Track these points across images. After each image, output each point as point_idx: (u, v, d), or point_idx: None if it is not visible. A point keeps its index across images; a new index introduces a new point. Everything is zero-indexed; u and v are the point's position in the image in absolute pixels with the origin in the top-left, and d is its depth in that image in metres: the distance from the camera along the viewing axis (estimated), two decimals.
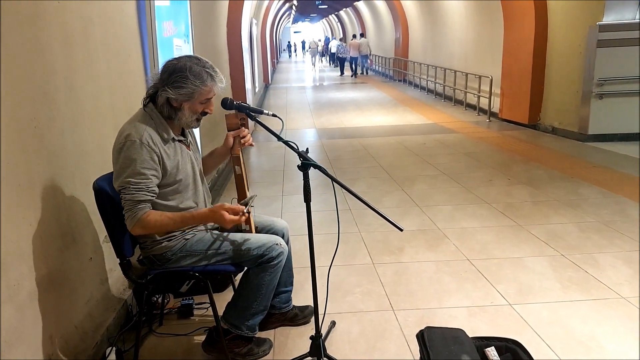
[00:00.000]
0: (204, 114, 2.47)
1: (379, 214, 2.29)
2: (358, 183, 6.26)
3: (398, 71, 21.12)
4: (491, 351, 2.53)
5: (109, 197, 2.37)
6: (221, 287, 3.39)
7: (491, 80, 11.10)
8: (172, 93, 2.33)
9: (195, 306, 3.23)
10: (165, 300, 3.23)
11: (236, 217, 2.36)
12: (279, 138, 2.42)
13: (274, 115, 2.53)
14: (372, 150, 8.19)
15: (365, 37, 27.07)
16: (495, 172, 6.59)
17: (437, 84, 15.40)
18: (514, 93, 10.32)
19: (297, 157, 2.38)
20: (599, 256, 3.93)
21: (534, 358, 2.49)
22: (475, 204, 5.29)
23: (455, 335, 2.49)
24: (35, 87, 2.30)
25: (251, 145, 2.68)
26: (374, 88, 18.94)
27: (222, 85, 2.44)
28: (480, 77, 11.73)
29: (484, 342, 2.58)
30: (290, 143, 2.43)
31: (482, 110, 11.72)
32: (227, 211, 2.36)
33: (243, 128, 2.61)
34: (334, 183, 2.34)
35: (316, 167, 2.33)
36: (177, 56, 2.46)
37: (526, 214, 4.93)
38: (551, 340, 2.84)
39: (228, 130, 2.62)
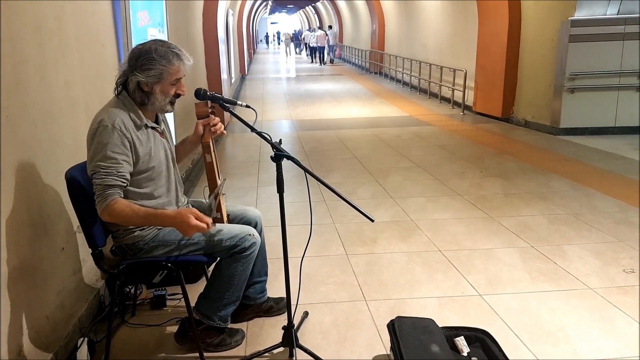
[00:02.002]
0: (177, 96, 2.46)
1: (351, 205, 2.33)
2: (333, 174, 6.29)
3: (374, 64, 21.20)
4: (460, 341, 2.60)
5: (81, 187, 2.35)
6: (194, 278, 3.39)
7: (465, 73, 11.22)
8: (142, 76, 2.33)
9: (168, 297, 3.23)
10: (138, 291, 3.22)
11: (201, 225, 2.28)
12: (252, 129, 2.43)
13: (247, 107, 2.54)
14: (347, 142, 8.23)
15: (334, 29, 29.41)
16: (468, 164, 6.68)
17: (412, 77, 15.50)
18: (487, 86, 10.45)
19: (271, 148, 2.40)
20: (567, 248, 4.02)
21: (501, 347, 2.56)
22: (447, 195, 5.36)
23: (425, 325, 2.54)
24: (6, 76, 2.27)
25: (222, 133, 2.68)
26: (351, 80, 18.98)
27: (189, 64, 2.44)
28: (454, 70, 11.85)
29: (453, 331, 2.64)
30: (264, 134, 2.44)
31: (456, 104, 11.85)
32: (194, 216, 2.29)
33: (212, 116, 2.60)
34: (306, 174, 2.35)
35: (289, 158, 2.35)
36: (143, 41, 2.45)
37: (497, 206, 5.02)
38: (519, 330, 2.91)
39: (198, 119, 2.62)
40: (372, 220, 2.28)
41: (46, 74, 2.67)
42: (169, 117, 4.96)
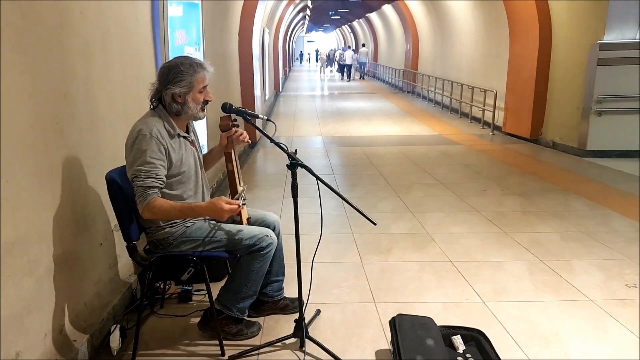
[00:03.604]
0: (206, 102, 2.80)
1: (354, 207, 2.58)
2: (356, 189, 6.55)
3: (407, 83, 21.44)
4: (457, 339, 2.82)
5: (119, 187, 2.68)
6: (218, 277, 3.67)
7: (495, 94, 11.36)
8: (175, 89, 2.68)
9: (194, 292, 3.54)
10: (167, 287, 3.54)
11: (234, 207, 2.64)
12: (271, 139, 2.72)
13: (268, 120, 2.85)
14: (374, 159, 8.47)
15: (365, 48, 32.50)
16: (490, 183, 6.85)
17: (444, 97, 15.68)
18: (517, 107, 10.57)
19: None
20: (575, 263, 4.18)
21: (494, 346, 2.77)
22: (466, 211, 5.56)
23: (423, 322, 2.77)
24: (57, 89, 2.61)
25: (247, 142, 2.98)
26: (383, 98, 19.24)
27: (211, 71, 2.79)
28: (485, 90, 12.00)
29: (450, 330, 2.86)
30: (281, 145, 2.73)
31: (486, 124, 11.96)
32: (224, 202, 2.64)
33: (234, 129, 2.91)
34: (318, 181, 2.63)
35: (302, 166, 2.64)
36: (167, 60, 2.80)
37: (513, 222, 5.19)
38: (516, 333, 3.10)
39: (221, 131, 2.94)
40: (375, 224, 2.54)
41: (91, 87, 3.01)
42: (203, 129, 5.31)
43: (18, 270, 2.23)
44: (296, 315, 2.91)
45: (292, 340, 2.94)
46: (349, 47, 36.84)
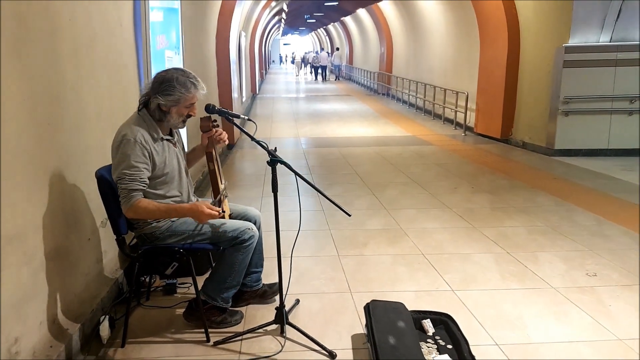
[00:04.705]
0: (189, 116, 2.97)
1: (329, 200, 2.79)
2: (333, 187, 6.76)
3: (382, 85, 21.75)
4: (427, 323, 3.03)
5: (109, 184, 2.85)
6: (203, 270, 3.84)
7: (467, 96, 11.67)
8: (162, 100, 2.83)
9: (178, 285, 3.70)
10: (152, 280, 3.69)
11: (214, 213, 2.84)
12: (252, 138, 2.90)
13: (249, 120, 3.04)
14: (350, 159, 8.69)
15: (340, 51, 34.61)
16: (461, 181, 7.10)
17: (417, 99, 15.99)
18: (488, 109, 10.88)
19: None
20: (540, 254, 4.43)
21: (461, 329, 2.99)
22: (438, 208, 5.80)
23: (394, 307, 2.98)
24: (49, 93, 2.76)
25: (225, 142, 3.15)
26: (358, 101, 19.51)
27: (203, 92, 2.95)
28: (457, 92, 12.31)
29: (421, 315, 3.08)
30: (262, 143, 2.92)
31: (458, 125, 12.26)
32: (206, 207, 2.84)
33: (215, 129, 3.08)
34: (297, 176, 2.83)
35: (282, 163, 2.82)
36: (166, 68, 2.96)
37: (482, 218, 5.44)
38: (483, 318, 3.33)
39: (202, 132, 3.11)
40: (349, 215, 2.75)
41: (80, 90, 3.16)
42: (183, 130, 5.46)
43: (16, 261, 2.38)
44: (276, 304, 3.09)
45: (274, 326, 3.14)
46: (323, 49, 37.74)
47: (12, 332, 2.34)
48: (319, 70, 32.20)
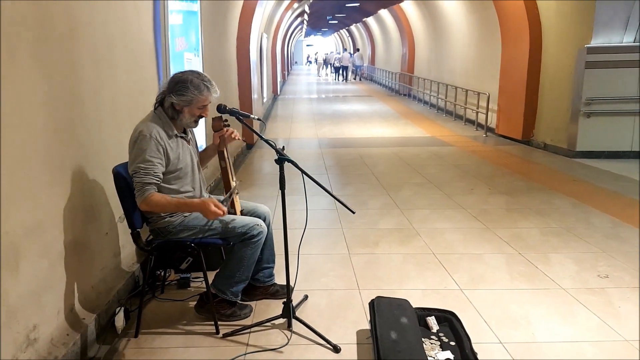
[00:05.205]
0: (201, 117, 3.09)
1: (333, 197, 2.87)
2: (348, 187, 6.83)
3: (404, 86, 21.75)
4: (431, 320, 3.09)
5: (125, 180, 2.98)
6: (214, 265, 3.94)
7: (488, 96, 11.63)
8: (176, 99, 2.96)
9: (192, 280, 3.82)
10: (167, 274, 3.81)
11: (219, 211, 2.94)
12: (260, 137, 3.01)
13: (258, 119, 3.15)
14: (367, 159, 8.74)
15: (360, 52, 35.30)
16: (478, 182, 7.11)
17: (439, 99, 15.96)
18: (509, 110, 10.84)
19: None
20: (552, 255, 4.44)
21: (464, 326, 3.04)
22: (452, 209, 5.83)
23: (399, 303, 3.04)
24: (69, 93, 2.89)
25: (239, 139, 3.27)
26: (379, 101, 19.54)
27: (216, 95, 3.07)
28: (479, 93, 12.28)
29: (425, 312, 3.14)
30: (270, 142, 3.02)
31: (480, 126, 12.23)
32: (213, 204, 2.93)
33: (225, 128, 3.19)
34: (303, 175, 2.92)
35: (289, 161, 2.92)
36: (183, 70, 3.08)
37: (496, 219, 5.46)
38: (489, 317, 3.37)
39: (213, 131, 3.22)
40: (353, 212, 2.82)
41: (99, 90, 3.29)
42: (201, 128, 5.58)
43: (35, 252, 2.51)
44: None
45: (281, 320, 3.23)
46: (345, 49, 38.10)
47: (31, 320, 2.47)
48: (340, 71, 32.56)
